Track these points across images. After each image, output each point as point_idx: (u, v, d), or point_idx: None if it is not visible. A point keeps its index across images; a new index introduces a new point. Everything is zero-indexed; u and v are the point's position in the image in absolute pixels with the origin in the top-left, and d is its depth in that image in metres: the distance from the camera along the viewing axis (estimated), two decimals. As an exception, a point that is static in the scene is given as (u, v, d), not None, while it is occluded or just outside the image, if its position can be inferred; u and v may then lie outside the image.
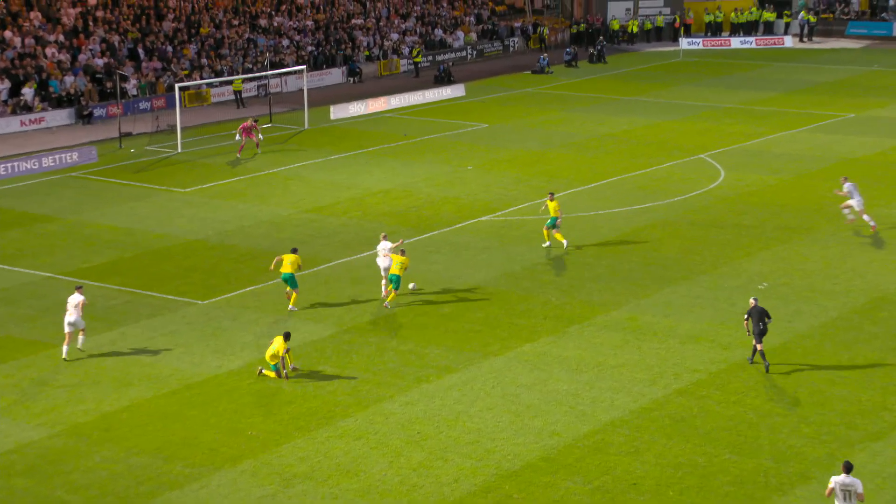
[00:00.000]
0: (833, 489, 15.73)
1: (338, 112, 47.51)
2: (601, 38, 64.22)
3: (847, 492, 15.57)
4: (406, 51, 59.51)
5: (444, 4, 66.26)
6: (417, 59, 58.24)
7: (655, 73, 58.85)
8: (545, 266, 28.94)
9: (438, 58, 60.09)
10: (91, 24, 51.02)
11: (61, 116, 45.93)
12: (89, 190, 36.50)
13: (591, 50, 62.19)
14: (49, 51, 48.22)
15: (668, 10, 69.00)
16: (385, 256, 26.26)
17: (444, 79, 55.55)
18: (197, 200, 35.17)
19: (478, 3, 67.58)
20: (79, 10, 51.53)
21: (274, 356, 22.30)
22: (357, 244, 30.77)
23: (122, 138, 42.80)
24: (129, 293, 27.19)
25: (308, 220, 33.13)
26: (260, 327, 25.09)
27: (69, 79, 47.20)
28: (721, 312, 25.78)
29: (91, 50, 49.52)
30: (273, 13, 57.98)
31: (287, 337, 22.32)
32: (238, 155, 41.07)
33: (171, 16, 54.09)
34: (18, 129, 44.51)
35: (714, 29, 68.45)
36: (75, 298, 23.56)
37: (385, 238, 26.78)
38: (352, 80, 56.26)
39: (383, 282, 26.44)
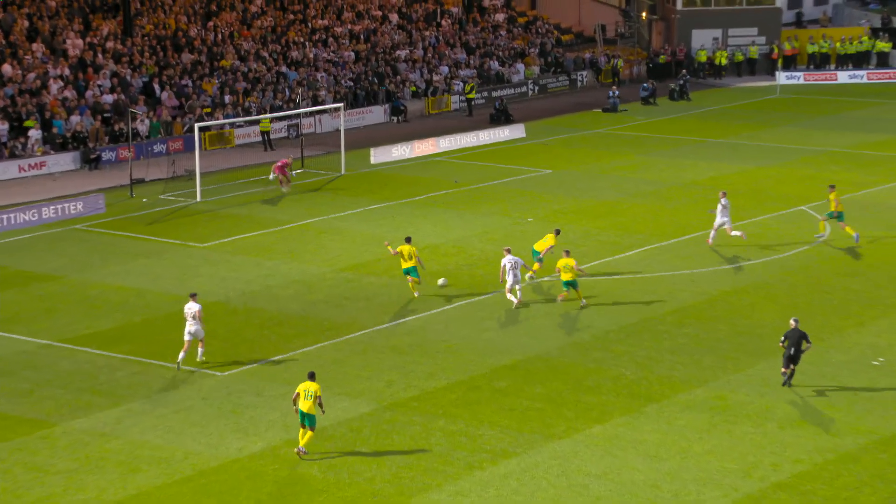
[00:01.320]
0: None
1: (379, 155, 48.12)
2: (684, 71, 64.52)
3: None
4: (458, 86, 60.25)
5: (502, 33, 67.10)
6: (471, 96, 58.91)
7: (748, 111, 58.86)
8: (618, 334, 28.89)
9: (495, 94, 60.74)
10: (100, 55, 52.42)
11: (65, 160, 47.06)
12: (95, 245, 37.24)
13: (673, 85, 62.47)
14: (53, 87, 49.59)
15: (762, 40, 69.17)
16: (512, 272, 30.04)
17: (501, 118, 56.09)
18: (217, 257, 35.72)
19: (541, 32, 68.36)
20: (88, 40, 53.00)
21: (308, 400, 22.52)
22: (399, 308, 30.97)
23: (133, 185, 43.69)
24: (137, 363, 27.59)
25: (344, 279, 33.46)
26: (288, 403, 25.27)
27: (75, 118, 48.42)
28: (828, 391, 25.48)
29: (100, 86, 50.82)
30: (307, 43, 59.16)
31: (312, 377, 22.86)
32: (284, 189, 41.81)
33: (190, 46, 55.39)
34: (16, 176, 45.63)
35: (818, 61, 68.40)
36: (192, 307, 26.94)
37: (509, 252, 30.34)
38: (395, 119, 57.03)
39: (508, 294, 30.23)
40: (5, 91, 48.21)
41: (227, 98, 52.63)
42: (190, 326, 27.02)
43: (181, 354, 26.95)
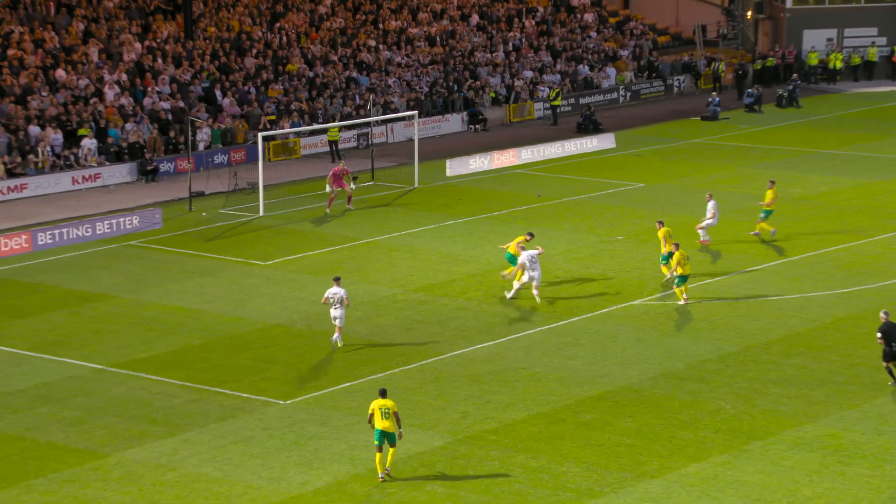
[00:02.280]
0: None
1: (456, 167, 48.33)
2: (794, 75, 63.87)
3: None
4: (542, 92, 60.33)
5: (592, 34, 67.06)
6: (556, 103, 58.95)
7: (866, 120, 58.03)
8: (716, 364, 28.64)
9: (583, 101, 60.70)
10: (159, 60, 53.44)
11: (121, 172, 47.99)
12: (151, 262, 37.89)
13: (781, 91, 61.86)
14: (109, 93, 50.66)
15: (883, 41, 68.17)
16: (533, 264, 31.75)
17: (589, 127, 56.03)
18: (280, 276, 36.14)
19: (635, 33, 68.21)
20: (146, 43, 54.10)
21: (386, 420, 23.13)
22: (476, 332, 31.06)
23: (192, 199, 44.35)
24: (195, 390, 27.99)
25: (416, 301, 33.63)
26: (355, 434, 25.46)
27: (131, 126, 49.41)
28: (952, 430, 25.01)
29: (158, 92, 51.80)
30: (379, 46, 59.71)
31: (384, 394, 23.51)
32: (327, 210, 42.22)
33: (254, 50, 56.20)
34: (70, 188, 46.64)
35: (948, 64, 67.21)
36: (338, 292, 29.39)
37: (523, 249, 32.45)
38: (474, 128, 57.25)
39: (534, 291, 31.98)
40: (58, 98, 49.35)
41: (293, 105, 53.32)
42: (335, 311, 29.48)
43: (335, 335, 29.77)
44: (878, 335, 27.00)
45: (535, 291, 32.51)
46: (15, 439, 25.48)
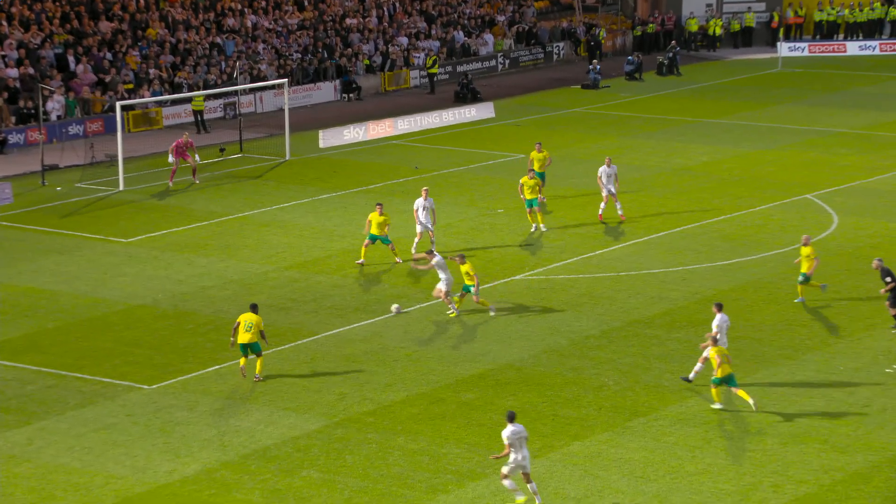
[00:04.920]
0: (509, 443, 21.53)
1: (329, 138, 48.10)
2: (674, 42, 64.96)
3: (521, 439, 21.62)
4: (418, 60, 60.32)
5: (468, -1, 67.27)
6: (433, 71, 59.01)
7: (746, 88, 59.31)
8: (599, 339, 29.07)
9: (460, 69, 60.86)
10: (5, 23, 52.04)
11: (-33, 145, 46.75)
12: (1, 240, 36.98)
13: (661, 58, 62.86)
14: (-47, 60, 49.20)
15: (761, 7, 69.75)
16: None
17: (467, 96, 56.23)
18: (143, 254, 35.59)
19: (512, -2, 68.59)
20: (-8, 7, 52.61)
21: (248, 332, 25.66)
22: (352, 310, 31.01)
23: (45, 172, 43.46)
24: (51, 375, 27.45)
25: (289, 279, 33.44)
26: (225, 419, 25.26)
27: (-22, 96, 48.07)
28: (836, 403, 25.76)
29: (4, 57, 50.47)
30: (245, 10, 59.01)
31: (254, 309, 26.24)
32: (170, 183, 41.76)
33: (109, 13, 55.08)
34: (-89, 162, 45.30)
35: (825, 31, 69.01)
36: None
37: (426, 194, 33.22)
38: (347, 97, 57.02)
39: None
40: None
41: (152, 73, 52.41)
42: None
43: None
44: (888, 278, 29.12)
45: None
46: None
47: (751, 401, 25.15)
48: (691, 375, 26.45)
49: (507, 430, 21.65)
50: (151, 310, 31.21)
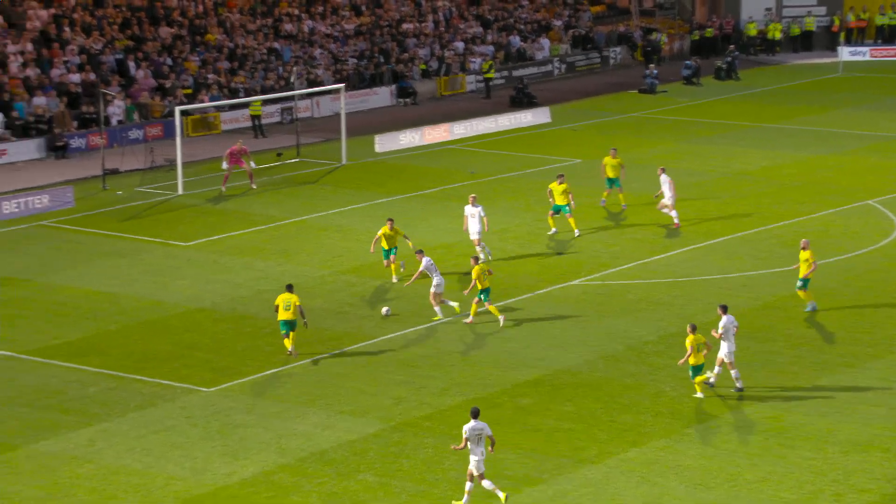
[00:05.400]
0: (466, 437, 21.75)
1: (385, 143, 48.32)
2: (732, 46, 64.60)
3: (479, 436, 21.85)
4: (474, 64, 60.45)
5: (524, 4, 67.28)
6: (489, 76, 59.11)
7: (806, 92, 58.88)
8: (657, 345, 29.02)
9: (516, 73, 60.91)
10: (67, 29, 52.73)
11: (28, 148, 47.38)
12: (63, 243, 37.49)
13: (719, 63, 62.55)
14: (12, 64, 49.92)
15: (822, 11, 69.17)
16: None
17: (523, 100, 56.26)
18: (202, 257, 35.94)
19: (569, 3, 68.52)
20: (52, 11, 53.33)
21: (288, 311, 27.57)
22: (409, 315, 31.16)
23: (106, 176, 43.94)
24: (112, 377, 27.80)
25: (346, 283, 33.65)
26: (283, 422, 25.48)
27: (38, 100, 48.75)
28: (896, 410, 25.61)
29: (66, 63, 51.14)
30: (302, 15, 59.39)
31: (290, 288, 28.01)
32: (222, 188, 42.10)
33: (169, 19, 55.61)
34: (-26, 166, 46.01)
35: (887, 34, 68.33)
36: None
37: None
38: (403, 101, 57.23)
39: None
40: (-40, 70, 48.55)
41: (210, 78, 52.91)
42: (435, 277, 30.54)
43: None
44: None
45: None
46: (-80, 432, 25.18)
47: (700, 395, 26.07)
48: (712, 380, 26.46)
49: (468, 426, 21.89)
50: (210, 313, 31.53)
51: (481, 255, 32.82)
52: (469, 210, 34.56)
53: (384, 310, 31.00)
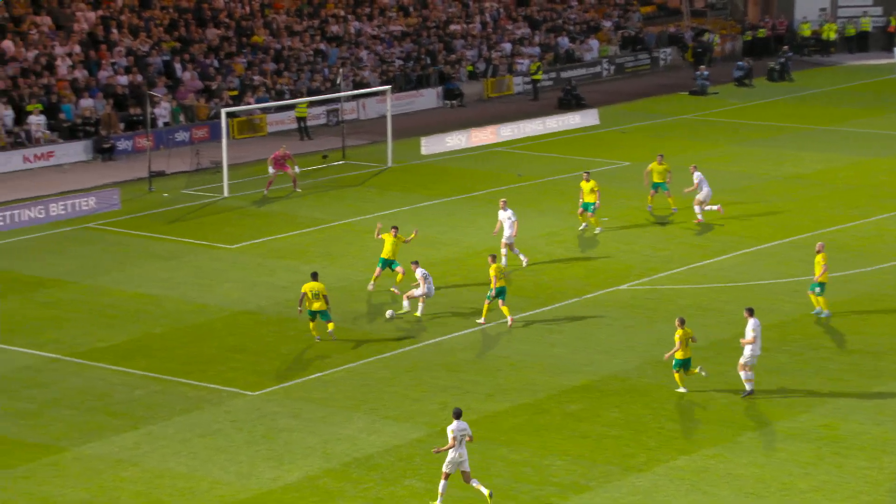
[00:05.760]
0: (454, 438, 22.04)
1: (431, 145, 48.33)
2: (785, 47, 64.09)
3: (463, 436, 22.16)
4: (522, 66, 60.34)
5: (573, 5, 67.08)
6: (537, 77, 58.98)
7: (861, 94, 58.32)
8: (707, 351, 28.78)
9: (564, 75, 60.74)
10: (115, 31, 53.11)
11: (75, 150, 47.75)
12: (109, 245, 37.76)
13: (772, 64, 62.08)
14: (60, 66, 50.34)
15: (878, 11, 68.50)
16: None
17: (571, 102, 56.09)
18: (248, 260, 36.08)
19: (618, 3, 68.25)
20: (99, 13, 53.73)
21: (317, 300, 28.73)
22: (455, 319, 31.10)
23: (152, 178, 44.24)
24: (157, 381, 27.95)
25: (390, 286, 33.66)
26: (328, 426, 25.50)
27: (85, 102, 49.14)
28: (953, 419, 25.25)
29: (114, 65, 51.52)
30: (349, 17, 59.52)
31: (315, 276, 29.07)
32: (265, 192, 42.22)
33: (216, 20, 55.89)
34: (20, 167, 46.37)
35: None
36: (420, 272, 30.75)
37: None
38: (450, 103, 57.22)
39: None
40: (6, 71, 48.95)
41: (257, 79, 53.14)
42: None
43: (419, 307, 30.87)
44: None
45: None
46: (-34, 434, 25.41)
47: (682, 389, 26.51)
48: (748, 387, 26.25)
49: (453, 426, 22.04)
50: (255, 316, 31.63)
51: (504, 260, 33.08)
52: (501, 214, 34.47)
53: (388, 313, 30.99)
